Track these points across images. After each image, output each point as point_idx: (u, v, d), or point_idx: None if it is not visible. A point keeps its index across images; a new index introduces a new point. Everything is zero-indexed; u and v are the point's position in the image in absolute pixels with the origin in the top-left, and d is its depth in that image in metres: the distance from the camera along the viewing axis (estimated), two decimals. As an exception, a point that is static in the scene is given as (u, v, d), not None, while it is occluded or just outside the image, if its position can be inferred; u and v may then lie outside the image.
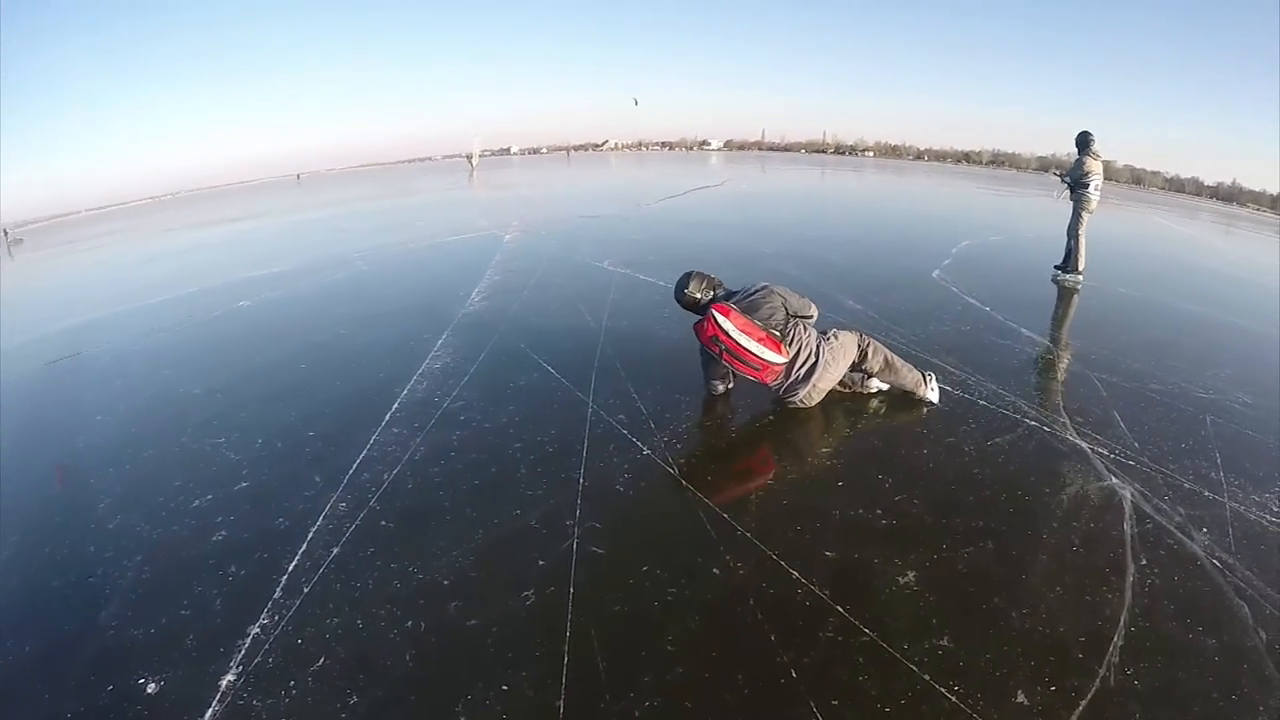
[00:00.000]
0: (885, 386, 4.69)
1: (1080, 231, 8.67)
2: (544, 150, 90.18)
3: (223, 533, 3.41)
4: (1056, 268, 9.04)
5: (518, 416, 4.43)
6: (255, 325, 7.24)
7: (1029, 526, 3.27)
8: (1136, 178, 63.41)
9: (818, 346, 4.38)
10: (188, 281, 10.08)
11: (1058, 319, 6.91)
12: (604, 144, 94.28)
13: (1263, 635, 2.66)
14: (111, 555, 3.32)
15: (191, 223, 23.85)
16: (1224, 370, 5.53)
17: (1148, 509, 3.43)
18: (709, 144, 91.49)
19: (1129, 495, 3.53)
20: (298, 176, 71.22)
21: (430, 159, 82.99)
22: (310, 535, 3.31)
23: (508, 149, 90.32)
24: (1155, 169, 65.07)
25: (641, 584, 2.89)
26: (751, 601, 2.76)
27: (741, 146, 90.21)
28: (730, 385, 4.59)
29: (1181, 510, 3.43)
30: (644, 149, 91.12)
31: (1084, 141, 8.67)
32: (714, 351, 4.21)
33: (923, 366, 4.72)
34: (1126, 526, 3.28)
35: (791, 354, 4.28)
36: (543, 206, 17.61)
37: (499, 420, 4.39)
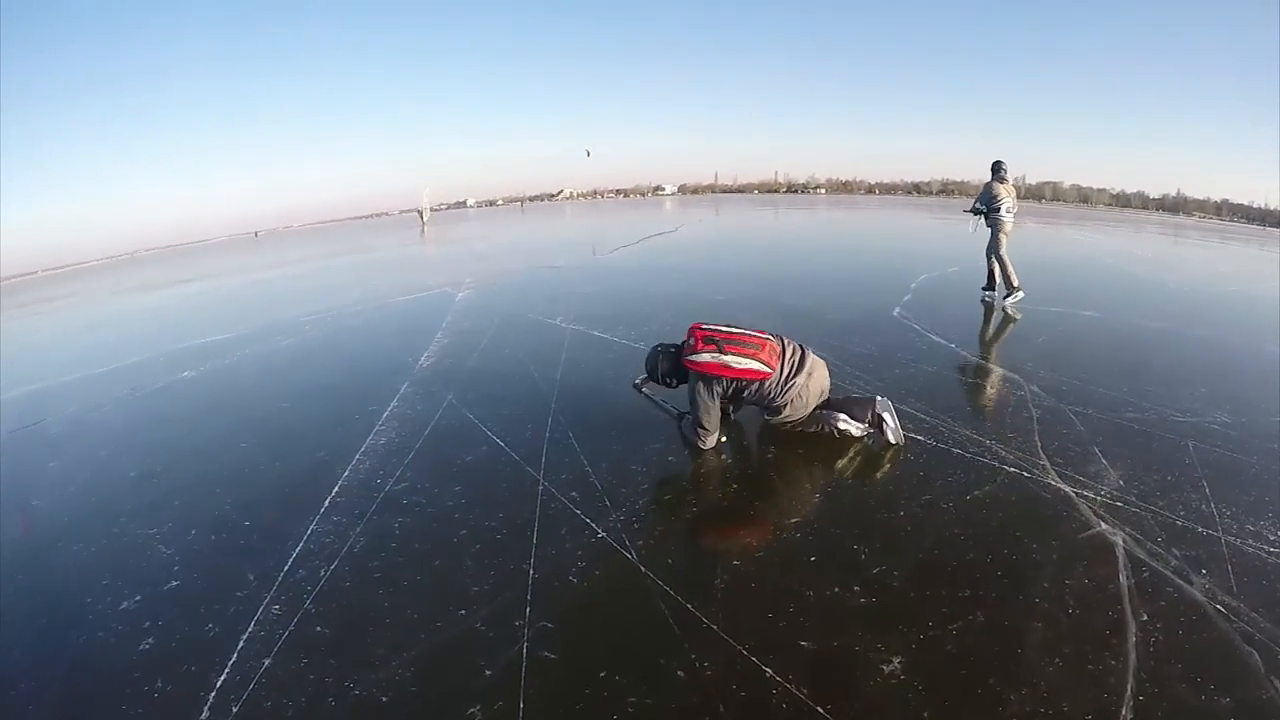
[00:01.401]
0: (856, 432, 4.49)
1: (1002, 252, 9.09)
2: (499, 202, 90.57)
3: (150, 640, 3.07)
4: (984, 289, 9.44)
5: (464, 498, 4.10)
6: (197, 398, 6.85)
7: (1019, 590, 3.01)
8: (1084, 196, 64.97)
9: (800, 345, 4.52)
10: (134, 350, 9.67)
11: (1025, 350, 6.70)
12: (559, 193, 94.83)
13: (1277, 685, 2.45)
14: (33, 667, 3.02)
15: (144, 285, 23.31)
16: (1198, 389, 5.42)
17: (1142, 554, 3.21)
18: (663, 189, 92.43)
19: (1121, 542, 3.31)
20: (255, 234, 71.06)
21: (386, 214, 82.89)
22: (241, 644, 2.97)
23: (464, 202, 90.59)
24: (1101, 187, 66.62)
25: (599, 694, 2.57)
26: (722, 709, 2.46)
27: (695, 190, 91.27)
28: (723, 437, 4.54)
29: (1177, 552, 3.23)
30: (600, 196, 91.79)
31: (994, 168, 9.22)
32: (713, 354, 4.23)
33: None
34: (1122, 578, 3.05)
35: (779, 345, 4.40)
36: (496, 260, 17.41)
37: (444, 504, 4.06)
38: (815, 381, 4.47)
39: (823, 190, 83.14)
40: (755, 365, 4.25)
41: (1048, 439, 4.49)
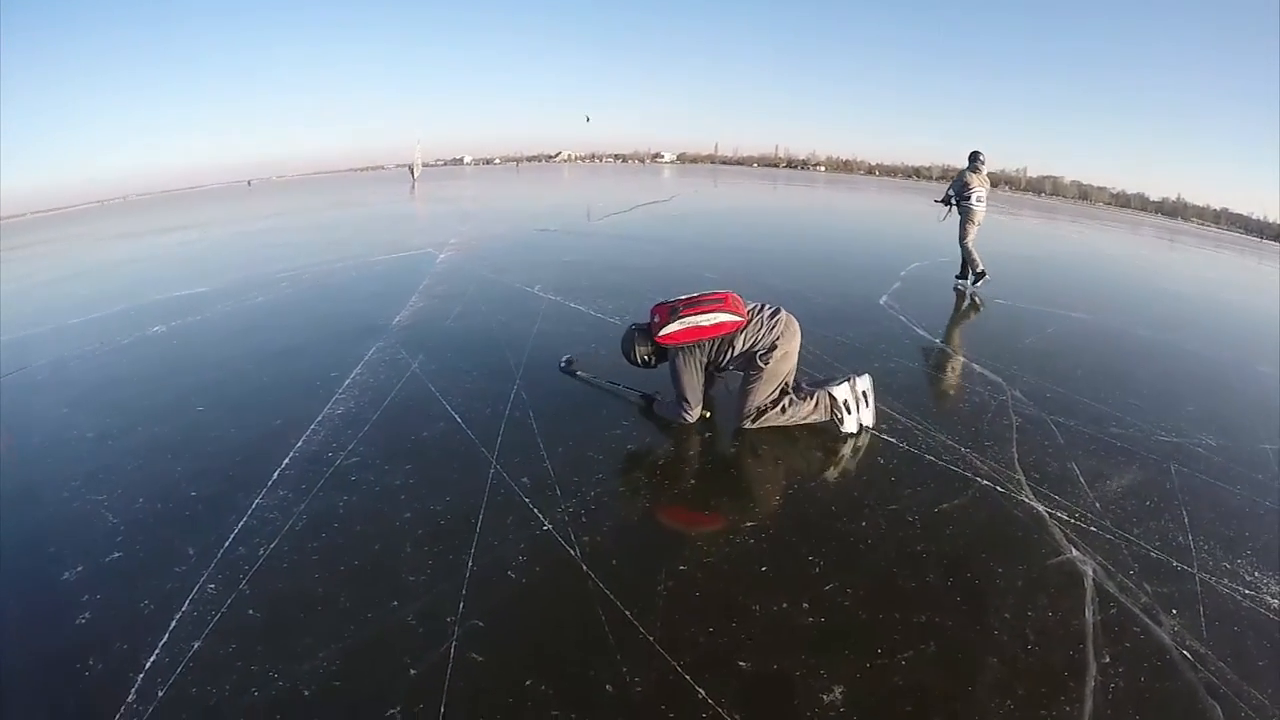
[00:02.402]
0: (851, 423, 4.43)
1: (967, 241, 9.30)
2: (497, 161, 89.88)
3: (87, 615, 2.96)
4: (957, 277, 9.58)
5: (413, 478, 3.94)
6: (163, 356, 6.64)
7: (978, 620, 2.85)
8: (1084, 193, 65.09)
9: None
10: (108, 301, 9.39)
11: (1011, 351, 6.53)
12: (557, 155, 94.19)
13: (1237, 743, 2.30)
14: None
15: (129, 232, 22.82)
16: (1185, 406, 5.31)
17: (1111, 588, 3.07)
18: (662, 156, 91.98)
19: (1090, 572, 3.17)
20: (249, 182, 70.13)
21: (382, 168, 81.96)
22: (173, 624, 2.85)
23: (460, 159, 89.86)
24: (1102, 185, 66.74)
25: (521, 704, 2.43)
26: (648, 732, 2.30)
27: (695, 159, 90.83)
28: (706, 413, 4.53)
29: (1148, 588, 3.09)
30: (598, 160, 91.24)
31: (970, 157, 9.41)
32: (679, 322, 4.19)
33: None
34: (1088, 614, 2.90)
35: (741, 298, 4.39)
36: (483, 222, 17.07)
37: (392, 482, 3.89)
38: (794, 322, 4.43)
39: (822, 168, 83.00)
40: (725, 317, 4.19)
41: (1025, 451, 4.35)
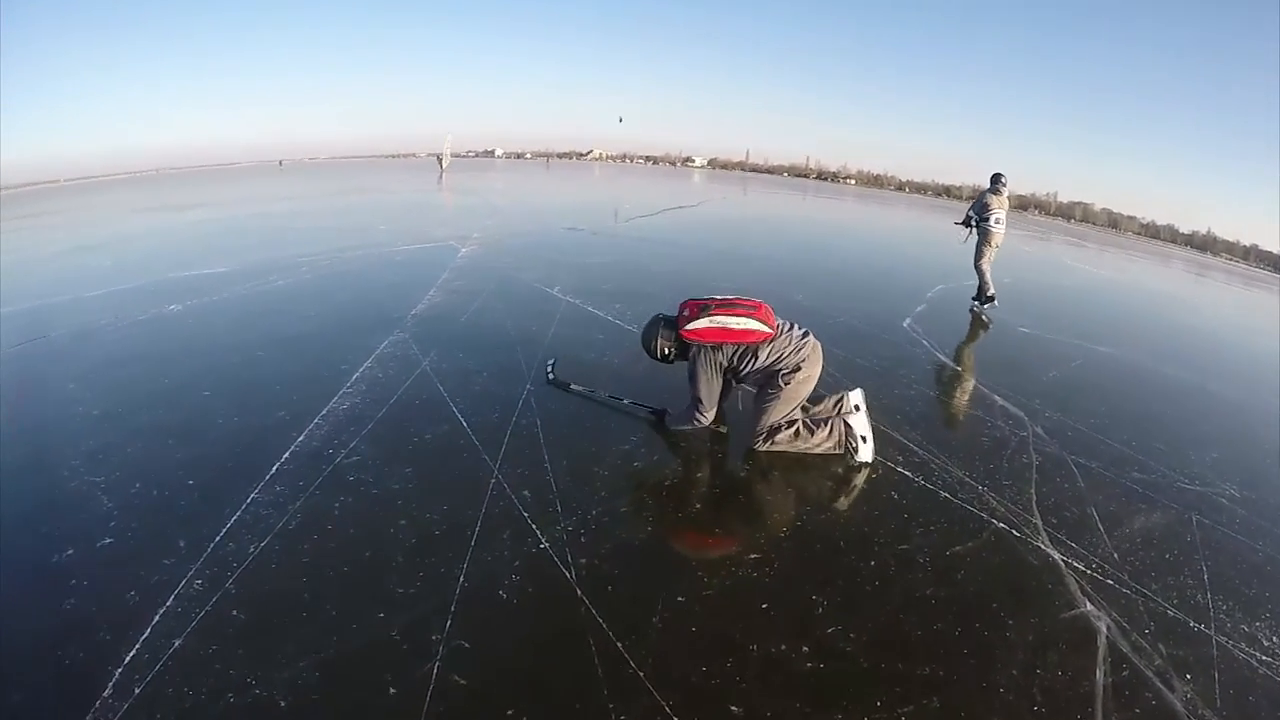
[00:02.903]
0: (867, 458, 4.33)
1: (982, 264, 9.33)
2: (528, 155, 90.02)
3: (73, 601, 2.91)
4: (973, 299, 9.57)
5: (411, 483, 3.85)
6: (175, 335, 6.61)
7: (985, 676, 2.72)
8: (1113, 221, 64.65)
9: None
10: (127, 275, 9.41)
11: (1033, 384, 6.34)
12: (589, 153, 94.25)
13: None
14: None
15: (155, 205, 22.85)
16: (1209, 453, 5.12)
17: (1125, 647, 2.93)
18: (693, 161, 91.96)
19: (1105, 629, 3.03)
20: (280, 163, 70.34)
21: (413, 155, 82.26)
22: (156, 619, 2.79)
23: (491, 152, 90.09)
24: (1131, 214, 66.37)
25: (501, 735, 2.32)
26: (629, 775, 2.20)
27: (725, 166, 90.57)
28: (722, 428, 4.54)
29: (1163, 649, 2.95)
30: (629, 161, 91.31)
31: (992, 179, 9.40)
32: (709, 320, 4.14)
33: (882, 442, 4.38)
34: (1099, 675, 2.77)
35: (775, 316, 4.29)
36: (508, 217, 16.99)
37: (390, 486, 3.82)
38: (820, 349, 4.38)
39: (852, 181, 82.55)
40: (755, 325, 4.12)
41: (1044, 493, 4.21)
